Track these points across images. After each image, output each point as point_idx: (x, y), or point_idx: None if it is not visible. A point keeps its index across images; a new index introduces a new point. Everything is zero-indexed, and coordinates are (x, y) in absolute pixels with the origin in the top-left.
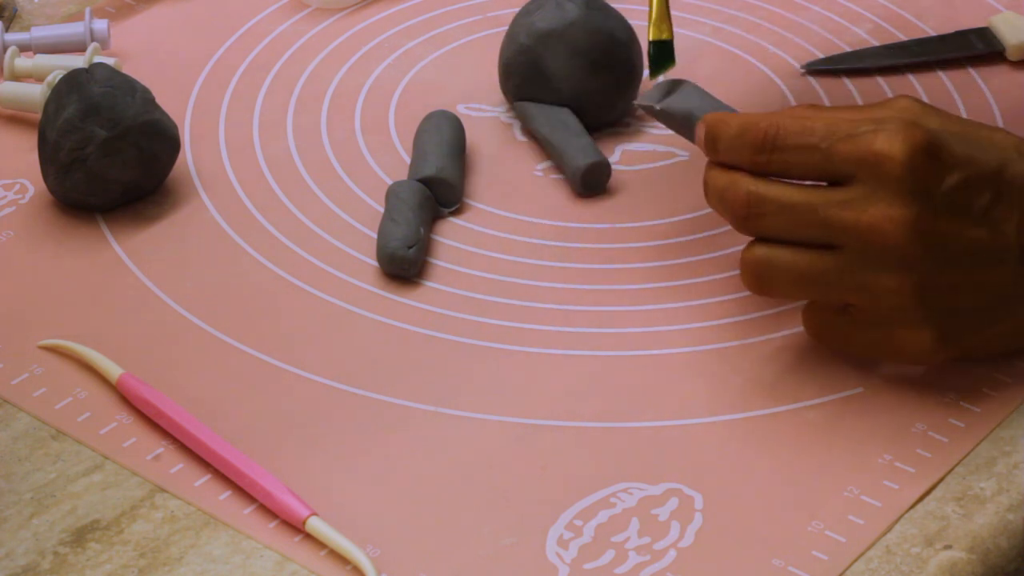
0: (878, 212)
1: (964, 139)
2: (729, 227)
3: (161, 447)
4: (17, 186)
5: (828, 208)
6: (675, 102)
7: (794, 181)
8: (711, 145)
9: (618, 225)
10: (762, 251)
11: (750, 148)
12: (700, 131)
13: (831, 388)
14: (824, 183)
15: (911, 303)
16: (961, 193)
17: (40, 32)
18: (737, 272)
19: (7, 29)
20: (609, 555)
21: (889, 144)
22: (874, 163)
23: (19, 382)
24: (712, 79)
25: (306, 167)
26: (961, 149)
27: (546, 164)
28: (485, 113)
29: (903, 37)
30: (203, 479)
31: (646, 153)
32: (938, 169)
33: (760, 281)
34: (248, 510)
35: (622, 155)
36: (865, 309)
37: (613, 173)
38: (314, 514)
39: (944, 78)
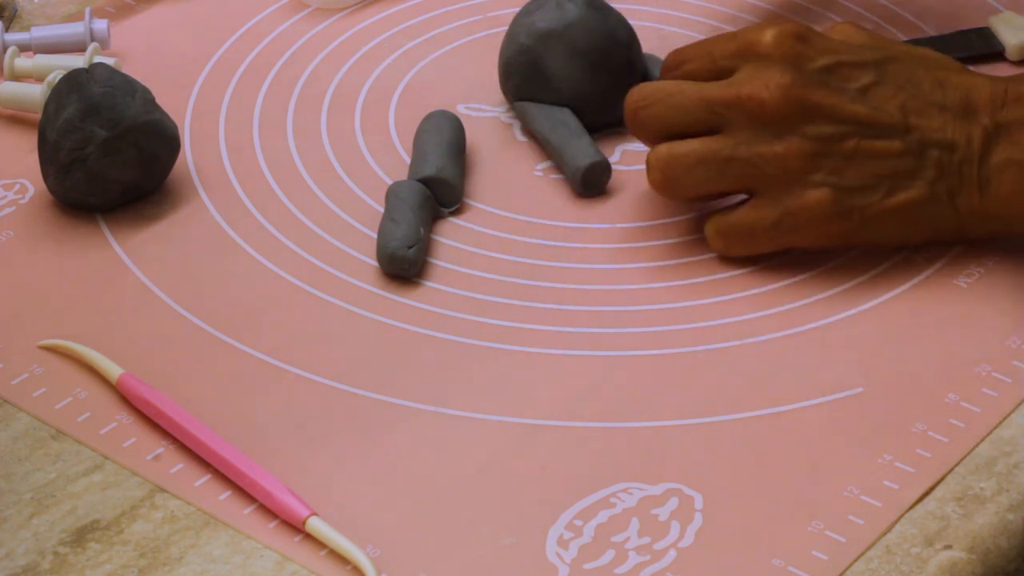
0: (754, 83)
1: (850, 39)
2: None
3: (161, 447)
4: (17, 186)
5: (709, 90)
6: None
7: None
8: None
9: (618, 225)
10: (663, 147)
11: (664, 70)
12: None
13: (831, 388)
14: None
15: (801, 164)
16: (835, 72)
17: (40, 32)
18: (737, 272)
19: (7, 29)
20: (609, 555)
21: (760, 31)
22: (748, 49)
23: (19, 382)
24: None
25: (306, 167)
26: (838, 43)
27: (546, 164)
28: (485, 113)
29: (903, 37)
30: (203, 479)
31: (646, 153)
32: (807, 50)
33: (664, 176)
34: (248, 510)
35: (622, 155)
36: (762, 186)
37: (613, 173)
38: (314, 514)
39: None
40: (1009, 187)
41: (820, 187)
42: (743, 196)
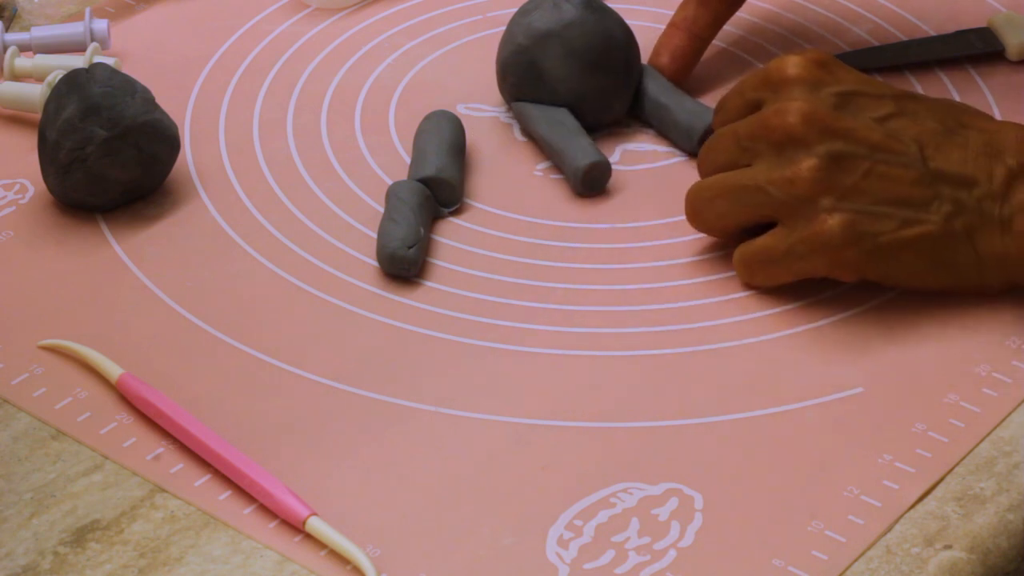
0: (776, 107)
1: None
2: None
3: (161, 447)
4: (17, 186)
5: (737, 126)
6: None
7: None
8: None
9: (618, 225)
10: (695, 184)
11: (714, 119)
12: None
13: (831, 388)
14: None
15: (808, 186)
16: (854, 100)
17: (40, 32)
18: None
19: (7, 29)
20: (609, 555)
21: (783, 60)
22: (772, 79)
23: (19, 382)
24: (712, 79)
25: (306, 167)
26: (858, 75)
27: (546, 164)
28: (485, 113)
29: (903, 37)
30: (203, 479)
31: (646, 153)
32: (827, 76)
33: (692, 209)
34: (248, 510)
35: (622, 155)
36: (778, 213)
37: (613, 173)
38: (314, 514)
39: (944, 78)
40: None
41: (832, 212)
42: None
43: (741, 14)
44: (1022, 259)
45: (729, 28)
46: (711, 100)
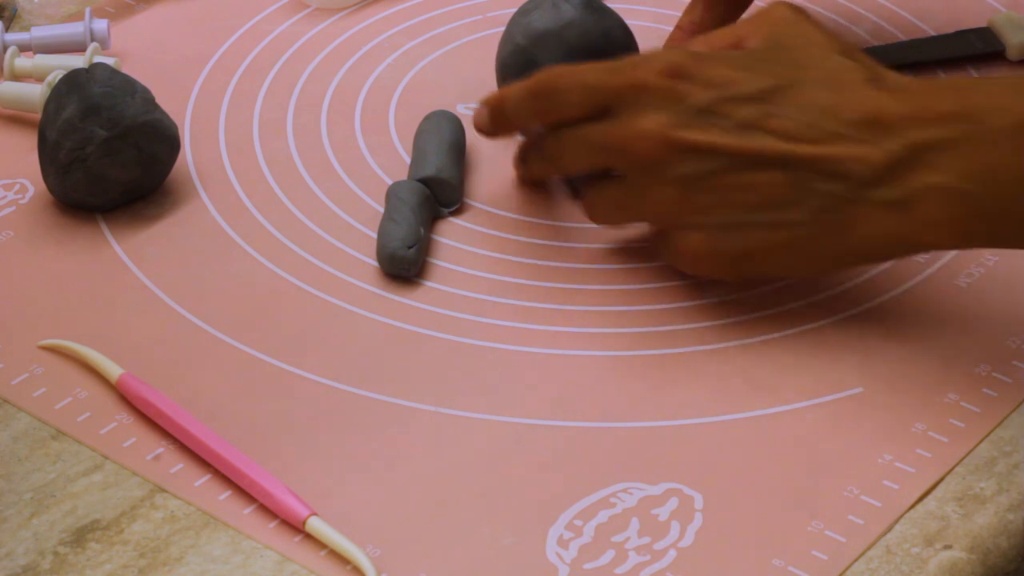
0: (633, 127)
1: (747, 60)
2: None
3: (161, 447)
4: (17, 186)
5: (591, 133)
6: None
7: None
8: (496, 116)
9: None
10: (592, 188)
11: (530, 97)
12: (477, 116)
13: (831, 388)
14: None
15: (673, 209)
16: (715, 109)
17: (40, 32)
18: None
19: (7, 29)
20: (609, 555)
21: (639, 69)
22: (627, 86)
23: (19, 382)
24: None
25: (306, 167)
26: (725, 74)
27: None
28: None
29: (903, 37)
30: (203, 479)
31: None
32: (687, 87)
33: (591, 210)
34: (248, 510)
35: None
36: (652, 228)
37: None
38: (314, 514)
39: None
40: (935, 215)
41: (694, 230)
42: None
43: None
44: (930, 243)
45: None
46: None
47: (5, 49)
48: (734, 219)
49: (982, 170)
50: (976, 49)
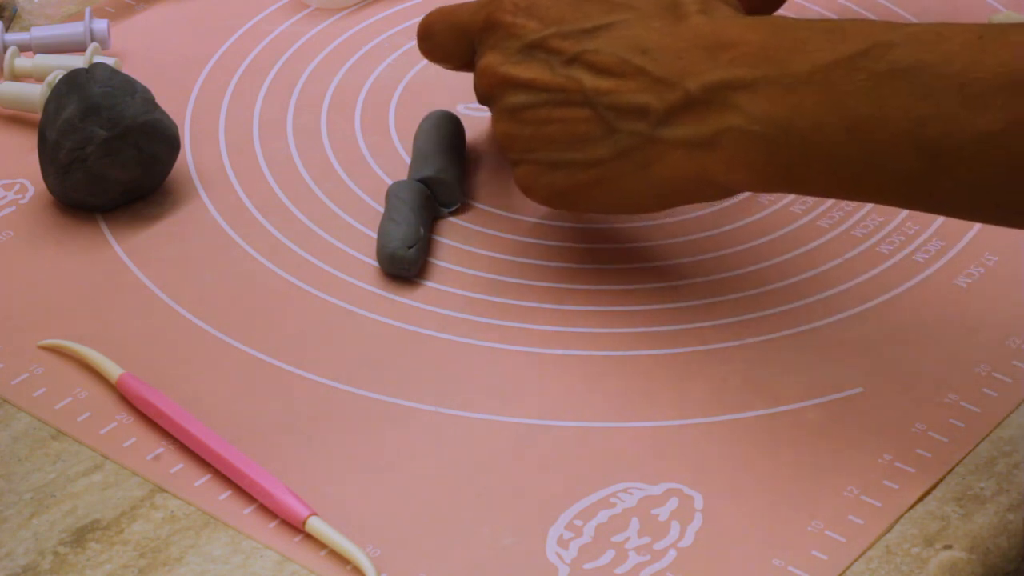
0: (479, 64)
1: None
2: (729, 227)
3: (161, 447)
4: (17, 186)
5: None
6: None
7: None
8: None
9: (618, 225)
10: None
11: (419, 41)
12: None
13: (831, 388)
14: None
15: (508, 142)
16: (543, 46)
17: (40, 32)
18: (736, 272)
19: (7, 29)
20: (609, 555)
21: (498, 7)
22: (485, 25)
23: (19, 382)
24: None
25: (306, 167)
26: (564, 7)
27: None
28: (485, 113)
29: None
30: (203, 479)
31: None
32: (526, 23)
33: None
34: (248, 510)
35: None
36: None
37: None
38: (314, 514)
39: None
40: (734, 156)
41: (518, 164)
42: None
43: None
44: (733, 184)
45: None
46: None
47: (5, 49)
48: (553, 155)
49: (779, 114)
50: None
